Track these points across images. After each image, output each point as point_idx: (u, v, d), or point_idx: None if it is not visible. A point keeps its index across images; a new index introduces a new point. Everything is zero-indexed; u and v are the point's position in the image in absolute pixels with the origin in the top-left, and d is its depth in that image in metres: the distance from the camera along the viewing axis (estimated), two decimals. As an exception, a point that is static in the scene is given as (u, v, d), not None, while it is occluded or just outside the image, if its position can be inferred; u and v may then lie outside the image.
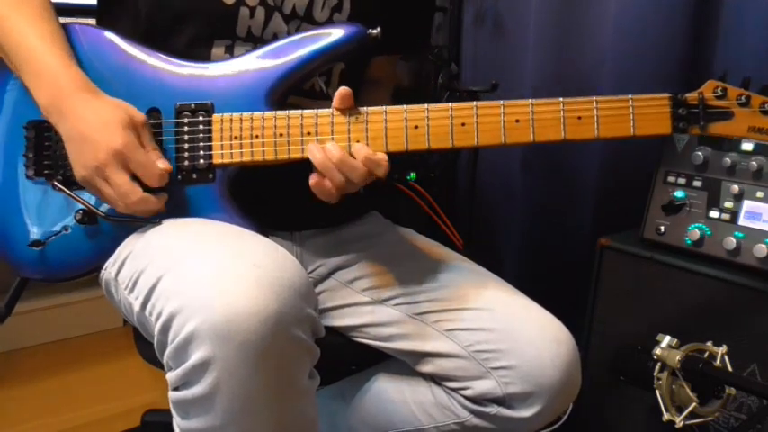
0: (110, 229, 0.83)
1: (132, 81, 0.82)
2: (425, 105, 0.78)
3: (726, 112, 0.76)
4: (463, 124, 0.77)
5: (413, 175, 1.66)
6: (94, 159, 0.75)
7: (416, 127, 0.78)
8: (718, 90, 0.76)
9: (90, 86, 0.79)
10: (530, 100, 0.77)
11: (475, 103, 0.77)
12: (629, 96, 0.76)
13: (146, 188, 0.77)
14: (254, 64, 0.82)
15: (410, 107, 0.78)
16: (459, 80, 1.67)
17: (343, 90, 0.78)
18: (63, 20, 0.86)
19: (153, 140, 0.79)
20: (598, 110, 0.76)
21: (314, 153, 0.77)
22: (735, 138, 0.77)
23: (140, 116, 0.78)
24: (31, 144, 0.84)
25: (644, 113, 0.76)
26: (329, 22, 0.91)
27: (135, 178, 0.77)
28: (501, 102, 0.77)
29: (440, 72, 1.65)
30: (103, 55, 0.84)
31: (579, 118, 0.76)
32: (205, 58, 0.86)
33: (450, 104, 0.78)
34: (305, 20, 0.90)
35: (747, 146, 1.03)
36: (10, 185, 0.85)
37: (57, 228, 0.83)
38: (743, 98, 0.76)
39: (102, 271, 0.85)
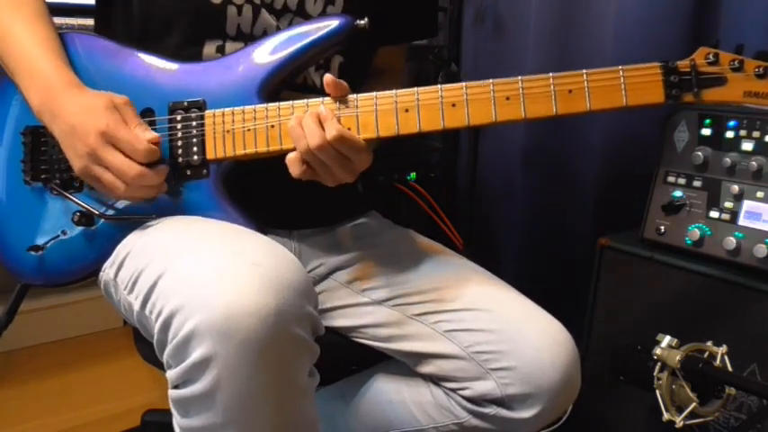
0: (107, 231, 0.83)
1: (125, 83, 0.83)
2: (415, 88, 0.77)
3: (719, 78, 0.74)
4: (453, 105, 0.77)
5: (413, 175, 1.66)
6: (85, 145, 0.75)
7: (407, 110, 0.77)
8: (710, 56, 0.74)
9: (78, 84, 0.80)
10: (519, 77, 0.76)
11: (464, 83, 0.77)
12: (620, 67, 0.75)
13: None
14: (245, 61, 0.82)
15: (400, 91, 0.77)
16: (459, 80, 1.67)
17: (327, 78, 0.78)
18: (63, 20, 0.86)
19: (136, 117, 0.79)
20: (588, 82, 0.75)
21: (290, 120, 0.78)
22: (731, 103, 0.75)
23: (121, 97, 0.78)
24: (27, 149, 0.84)
25: (636, 83, 0.75)
26: (323, 15, 0.91)
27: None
28: (491, 80, 0.76)
29: (440, 72, 1.65)
30: (97, 60, 0.85)
31: (570, 91, 0.75)
32: (197, 57, 0.86)
33: (439, 86, 0.77)
34: (297, 14, 0.90)
35: (747, 146, 1.03)
36: (8, 192, 0.86)
37: (54, 232, 0.84)
38: (736, 63, 0.74)
39: (101, 272, 0.85)
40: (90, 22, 0.98)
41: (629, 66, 0.75)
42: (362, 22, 0.81)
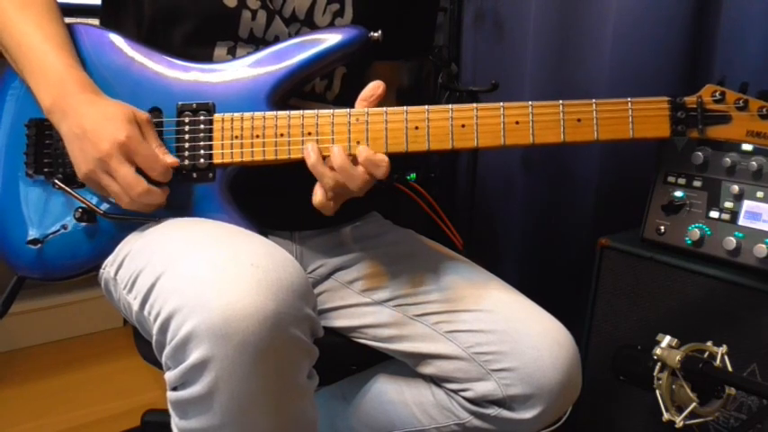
0: (108, 228, 0.83)
1: (134, 81, 0.83)
2: (426, 107, 0.78)
3: (724, 116, 0.76)
4: (463, 125, 0.77)
5: (413, 175, 1.66)
6: (98, 152, 0.74)
7: (416, 128, 0.78)
8: (717, 94, 0.76)
9: (93, 88, 0.80)
10: (529, 102, 0.77)
11: (475, 104, 0.78)
12: (629, 99, 0.76)
13: (149, 182, 0.77)
14: (256, 66, 0.82)
15: (410, 108, 0.78)
16: (459, 80, 1.67)
17: (375, 86, 0.78)
18: (66, 20, 0.86)
19: (157, 138, 0.79)
20: (597, 112, 0.76)
21: (308, 153, 0.77)
22: (734, 141, 0.77)
23: (144, 114, 0.78)
24: (31, 142, 0.84)
25: (643, 116, 0.76)
26: (330, 27, 0.90)
27: (138, 172, 0.76)
28: (501, 103, 0.77)
29: (440, 72, 1.65)
30: (106, 55, 0.84)
31: (579, 120, 0.76)
32: (207, 58, 0.86)
33: (450, 106, 0.78)
34: (305, 24, 0.90)
35: (747, 146, 1.02)
36: (9, 184, 0.85)
37: (55, 226, 0.83)
38: (741, 102, 0.76)
39: (102, 270, 0.85)
40: (91, 22, 0.98)
41: (638, 99, 0.76)
42: (376, 34, 0.81)
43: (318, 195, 0.78)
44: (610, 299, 1.19)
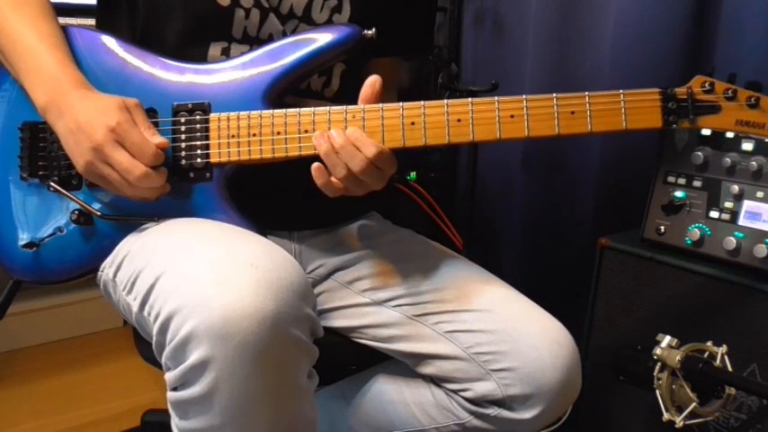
0: (105, 230, 0.83)
1: (129, 82, 0.83)
2: (421, 102, 0.78)
3: (714, 106, 0.78)
4: (459, 120, 0.77)
5: (413, 174, 1.66)
6: (92, 141, 0.74)
7: (413, 123, 0.78)
8: (706, 85, 0.78)
9: (86, 84, 0.80)
10: (524, 96, 0.77)
11: (470, 99, 0.78)
12: (621, 91, 0.77)
13: None
14: (251, 65, 0.82)
15: (407, 104, 0.78)
16: (458, 80, 1.67)
17: (373, 82, 0.78)
18: (63, 20, 0.86)
19: (147, 120, 0.78)
20: (590, 104, 0.77)
21: (319, 143, 0.77)
22: (724, 130, 0.78)
23: (133, 99, 0.78)
24: (25, 145, 0.84)
25: (635, 107, 0.77)
26: (328, 23, 0.91)
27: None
28: (495, 98, 0.77)
29: (440, 72, 1.65)
30: (101, 57, 0.84)
31: (572, 113, 0.77)
32: (202, 59, 0.86)
33: (445, 101, 0.78)
34: (303, 20, 0.90)
35: (747, 146, 1.02)
36: (3, 187, 0.85)
37: (51, 229, 0.83)
38: (729, 92, 0.77)
39: (100, 272, 0.85)
40: (90, 21, 0.98)
41: (630, 90, 0.77)
42: (370, 32, 0.81)
43: (323, 177, 0.76)
44: (610, 299, 1.19)
